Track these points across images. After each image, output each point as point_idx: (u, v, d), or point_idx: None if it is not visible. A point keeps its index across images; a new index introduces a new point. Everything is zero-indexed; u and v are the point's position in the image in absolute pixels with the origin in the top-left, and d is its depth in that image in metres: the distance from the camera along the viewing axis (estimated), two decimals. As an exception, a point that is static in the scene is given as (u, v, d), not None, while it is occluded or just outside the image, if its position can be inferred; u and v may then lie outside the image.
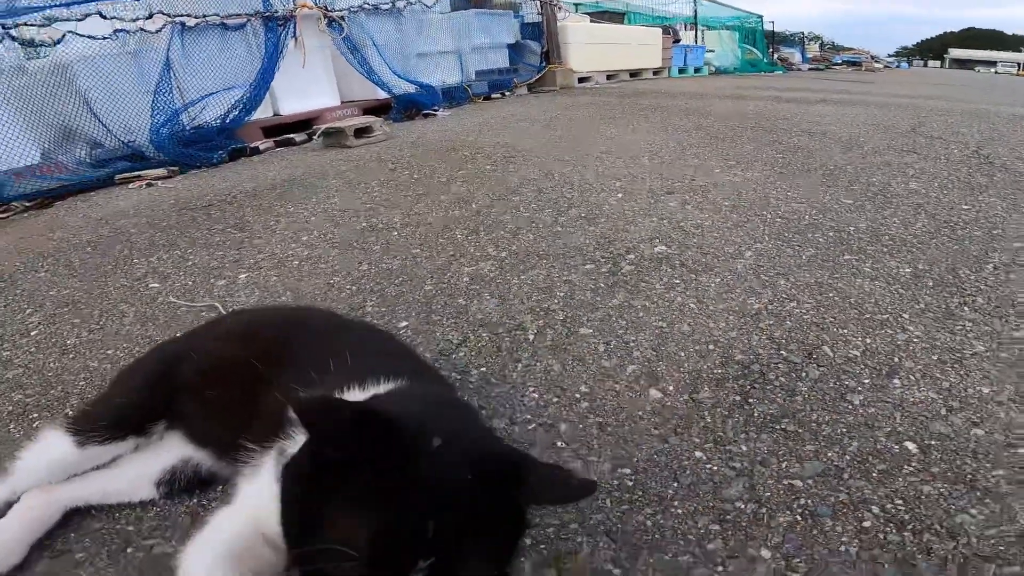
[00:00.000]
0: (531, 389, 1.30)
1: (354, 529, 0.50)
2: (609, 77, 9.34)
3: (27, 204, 3.16)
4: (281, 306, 1.74)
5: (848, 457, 1.05)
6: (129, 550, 0.90)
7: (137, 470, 0.99)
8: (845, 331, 1.47)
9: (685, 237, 2.15)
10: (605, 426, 1.17)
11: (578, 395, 1.27)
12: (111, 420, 0.96)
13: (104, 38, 3.57)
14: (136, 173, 3.48)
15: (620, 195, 2.70)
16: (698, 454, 1.07)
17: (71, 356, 1.53)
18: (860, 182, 2.85)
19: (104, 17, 3.48)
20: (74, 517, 0.96)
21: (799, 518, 0.92)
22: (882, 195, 2.63)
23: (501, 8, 7.82)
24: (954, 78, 16.13)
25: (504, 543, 0.59)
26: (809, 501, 0.95)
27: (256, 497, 0.74)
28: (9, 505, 0.93)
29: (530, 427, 1.18)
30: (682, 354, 1.39)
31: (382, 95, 5.47)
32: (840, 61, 18.55)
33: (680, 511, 0.94)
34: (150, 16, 3.76)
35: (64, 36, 3.35)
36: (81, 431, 0.94)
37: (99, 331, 1.68)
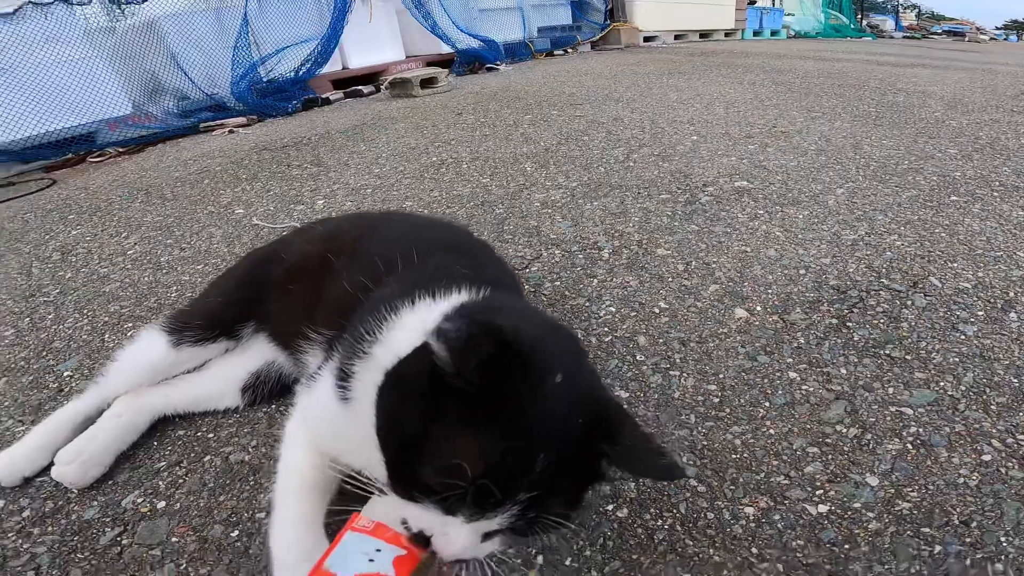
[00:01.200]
0: (607, 303, 1.27)
1: (472, 455, 0.49)
2: (677, 37, 8.89)
3: (120, 150, 3.38)
4: (373, 212, 1.77)
5: (963, 388, 0.96)
6: (207, 458, 0.91)
7: (225, 375, 1.00)
8: (954, 264, 1.35)
9: (767, 175, 2.03)
10: (687, 341, 1.13)
11: (657, 310, 1.24)
12: (205, 319, 0.97)
13: None
14: (219, 122, 3.64)
15: (695, 138, 2.58)
16: (792, 374, 1.01)
17: (164, 271, 1.63)
18: (965, 135, 2.59)
19: None
20: (159, 425, 0.97)
21: (909, 446, 0.85)
22: (990, 148, 2.38)
23: (566, -37, 7.54)
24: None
25: (581, 489, 0.58)
26: (920, 430, 0.87)
27: (315, 418, 0.74)
28: (100, 412, 0.93)
29: (607, 339, 1.16)
30: (769, 277, 1.32)
31: (445, 49, 5.44)
32: (940, 31, 16.77)
33: (772, 432, 0.89)
34: None
35: None
36: (176, 330, 0.96)
37: (190, 249, 1.78)
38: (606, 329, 1.19)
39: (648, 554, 0.71)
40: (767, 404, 0.95)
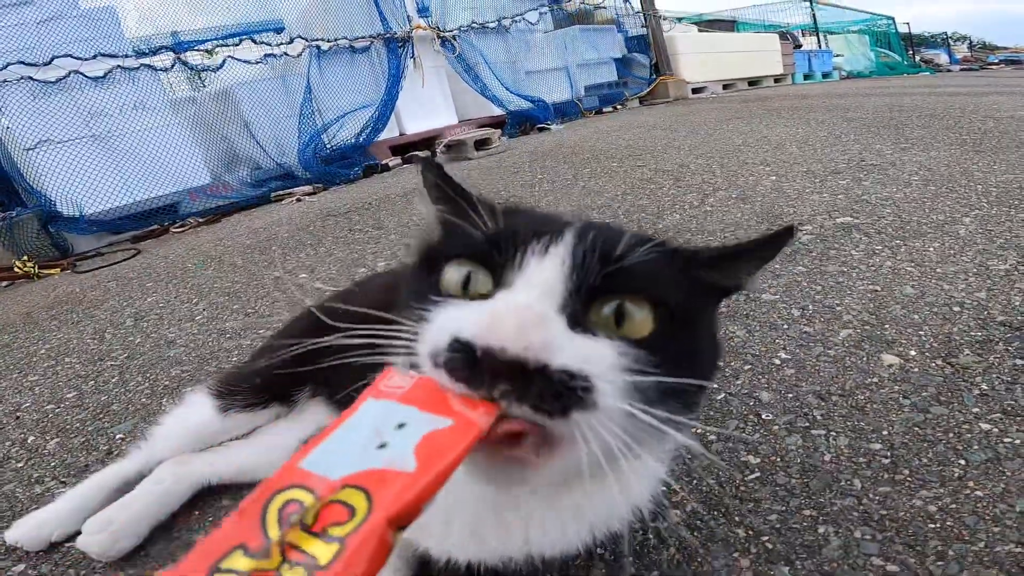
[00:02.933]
0: (713, 384, 1.08)
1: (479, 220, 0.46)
2: (725, 87, 8.85)
3: (199, 220, 3.56)
4: None
5: None
6: None
7: (276, 443, 0.90)
8: None
9: (873, 208, 1.81)
10: (827, 395, 0.92)
11: (777, 361, 1.04)
12: (255, 384, 0.89)
13: (257, 62, 3.99)
14: (288, 190, 3.80)
15: (773, 177, 2.40)
16: (984, 426, 0.79)
17: (228, 336, 1.60)
18: None
19: (255, 42, 3.90)
20: (202, 494, 0.87)
21: None
22: None
23: (603, 23, 7.77)
24: None
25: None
26: None
27: None
28: (141, 477, 0.86)
29: (719, 397, 0.97)
30: (915, 317, 1.10)
31: (496, 111, 5.59)
32: (997, 60, 16.10)
33: (980, 493, 0.68)
34: (291, 41, 4.15)
35: (224, 61, 3.78)
36: (224, 394, 0.88)
37: (254, 315, 1.75)
38: (715, 386, 1.00)
39: None
40: (962, 462, 0.74)
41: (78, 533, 0.78)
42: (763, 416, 0.90)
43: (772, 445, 0.83)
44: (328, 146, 4.24)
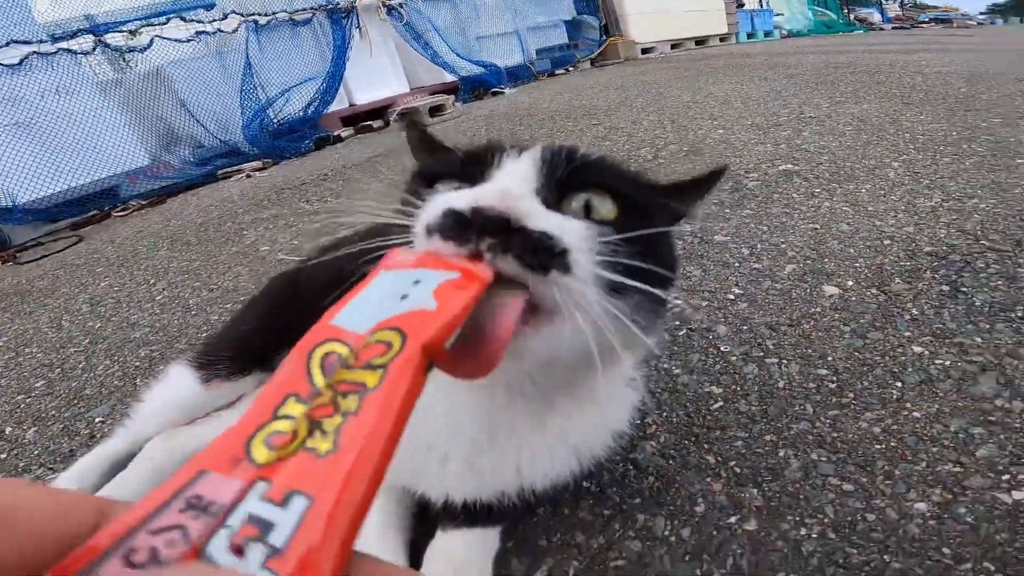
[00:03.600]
0: (672, 296, 1.16)
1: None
2: (674, 47, 8.92)
3: (142, 203, 3.40)
4: None
5: None
6: None
7: None
8: (1053, 219, 1.23)
9: (811, 156, 1.93)
10: (777, 326, 1.01)
11: (732, 296, 1.12)
12: (235, 350, 0.89)
13: (188, 40, 3.78)
14: (236, 167, 3.66)
15: (721, 131, 2.49)
16: (916, 348, 0.89)
17: (193, 313, 1.57)
18: (1002, 106, 2.46)
19: (184, 20, 3.68)
20: None
21: None
22: None
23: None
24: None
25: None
26: None
27: None
28: (131, 455, 0.86)
29: (680, 333, 1.05)
30: (851, 251, 1.20)
31: (448, 78, 5.49)
32: (927, 19, 16.77)
33: (918, 414, 0.76)
34: (224, 17, 3.93)
35: (152, 41, 3.57)
36: (205, 364, 0.88)
37: (217, 290, 1.73)
38: (678, 323, 1.08)
39: (799, 570, 0.59)
40: (899, 384, 0.82)
41: None
42: (722, 348, 0.98)
43: (732, 375, 0.90)
44: (275, 121, 4.09)
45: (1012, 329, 0.89)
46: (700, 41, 9.61)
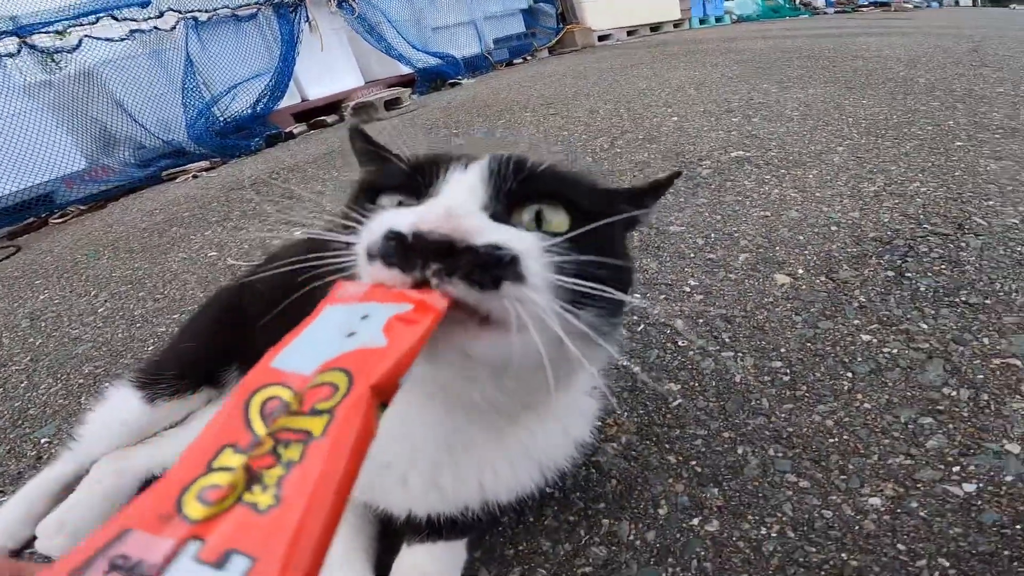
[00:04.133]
0: (630, 298, 1.17)
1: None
2: (629, 33, 8.97)
3: (81, 208, 3.21)
4: None
5: None
6: None
7: None
8: (991, 203, 1.27)
9: (761, 142, 1.96)
10: (731, 318, 1.02)
11: (688, 288, 1.13)
12: (179, 368, 0.86)
13: (122, 40, 3.57)
14: (181, 168, 3.49)
15: (675, 118, 2.52)
16: (865, 337, 0.90)
17: (138, 325, 1.50)
18: (940, 89, 2.57)
19: (116, 19, 3.47)
20: (151, 482, 0.87)
21: None
22: (969, 97, 2.34)
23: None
24: (992, 15, 14.74)
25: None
26: None
27: None
28: (79, 477, 0.84)
29: (639, 328, 1.05)
30: (800, 238, 1.23)
31: (405, 70, 5.36)
32: (867, 3, 17.34)
33: (868, 405, 0.77)
34: (161, 15, 3.73)
35: (81, 41, 3.36)
36: (148, 383, 0.85)
37: (164, 299, 1.65)
38: (636, 319, 1.08)
39: (762, 571, 0.59)
40: (849, 375, 0.83)
41: (34, 538, 0.76)
42: (679, 343, 0.99)
43: (690, 371, 0.91)
44: (221, 119, 3.91)
45: (956, 314, 0.92)
46: (655, 27, 9.69)
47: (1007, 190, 1.33)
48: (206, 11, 3.99)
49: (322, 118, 4.39)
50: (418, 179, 0.45)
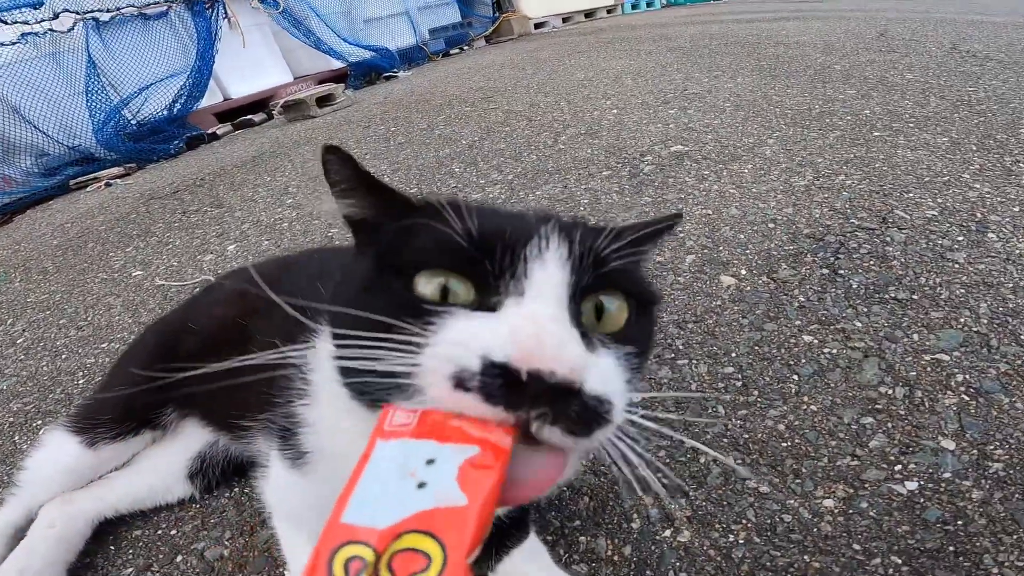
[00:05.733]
0: None
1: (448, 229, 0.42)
2: (564, 20, 9.00)
3: (-18, 225, 2.91)
4: (287, 256, 1.58)
5: (985, 321, 0.90)
6: (179, 558, 0.77)
7: (163, 465, 0.86)
8: (910, 195, 1.35)
9: (698, 136, 2.01)
10: (683, 323, 1.04)
11: (639, 294, 1.15)
12: (115, 412, 0.83)
13: (14, 43, 3.25)
14: (91, 175, 3.22)
15: (615, 111, 2.54)
16: (807, 338, 0.94)
17: (63, 357, 1.39)
18: (855, 77, 2.71)
19: (4, 22, 3.14)
20: (108, 528, 0.83)
21: (966, 398, 0.77)
22: (882, 85, 2.49)
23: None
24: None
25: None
26: (967, 377, 0.80)
27: (295, 512, 0.63)
28: (29, 521, 0.81)
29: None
30: (741, 236, 1.27)
31: (336, 65, 5.15)
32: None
33: (814, 407, 0.80)
34: (56, 16, 3.41)
35: None
36: (85, 429, 0.82)
37: (88, 327, 1.52)
38: (589, 326, 1.08)
39: None
40: (795, 377, 0.86)
41: None
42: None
43: (648, 381, 0.92)
44: (134, 122, 3.62)
45: (887, 311, 0.96)
46: (589, 13, 9.75)
47: (924, 180, 1.42)
48: (107, 11, 3.68)
49: (248, 117, 4.16)
50: (486, 264, 0.37)
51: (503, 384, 0.30)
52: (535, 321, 0.33)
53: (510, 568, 0.63)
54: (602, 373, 0.35)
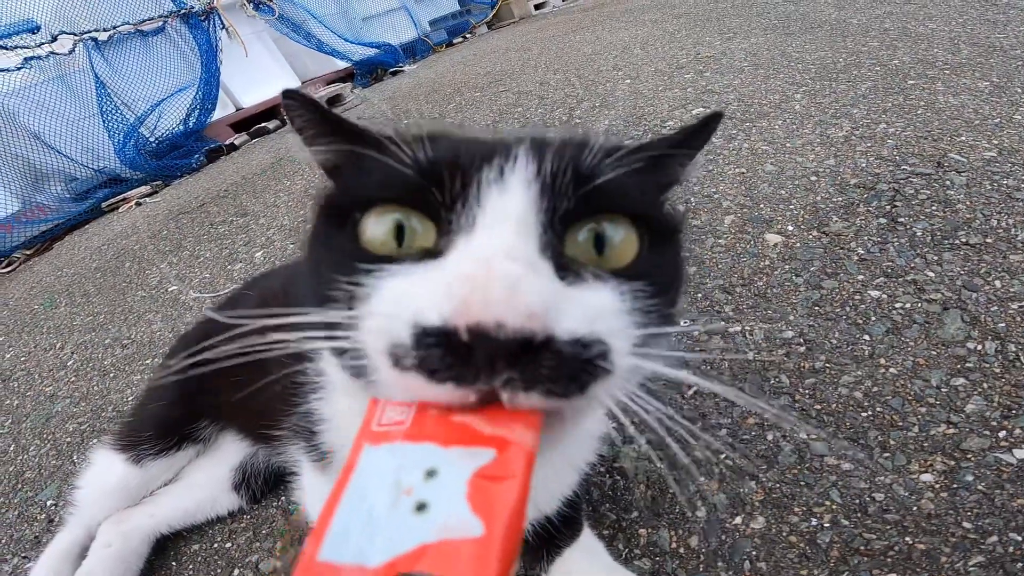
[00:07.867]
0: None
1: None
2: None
3: (27, 253, 3.01)
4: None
5: None
6: (236, 572, 0.77)
7: (207, 479, 0.87)
8: (962, 138, 1.27)
9: (720, 96, 1.95)
10: (731, 288, 0.99)
11: (679, 261, 1.12)
12: (155, 428, 0.85)
13: (19, 69, 3.30)
14: (121, 196, 3.29)
15: (628, 81, 2.48)
16: (874, 293, 0.86)
17: (111, 376, 1.42)
18: (874, 29, 2.58)
19: (4, 48, 3.19)
20: (168, 544, 0.85)
21: None
22: (906, 36, 2.36)
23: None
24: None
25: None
26: None
27: (312, 508, 0.62)
28: (91, 538, 0.83)
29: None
30: (782, 192, 1.22)
31: (341, 65, 5.15)
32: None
33: (894, 371, 0.72)
34: (54, 39, 3.45)
35: None
36: (129, 447, 0.84)
37: (132, 344, 1.55)
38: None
39: (822, 565, 0.56)
40: (867, 338, 0.79)
41: None
42: (681, 323, 0.95)
43: (699, 353, 0.85)
44: (152, 139, 3.68)
45: (960, 258, 0.88)
46: (588, -11, 9.56)
47: (974, 124, 1.34)
48: (104, 30, 3.72)
49: (263, 125, 4.18)
50: (433, 194, 0.30)
51: (444, 354, 0.24)
52: (478, 259, 0.26)
53: (564, 568, 0.59)
54: (586, 309, 0.27)
